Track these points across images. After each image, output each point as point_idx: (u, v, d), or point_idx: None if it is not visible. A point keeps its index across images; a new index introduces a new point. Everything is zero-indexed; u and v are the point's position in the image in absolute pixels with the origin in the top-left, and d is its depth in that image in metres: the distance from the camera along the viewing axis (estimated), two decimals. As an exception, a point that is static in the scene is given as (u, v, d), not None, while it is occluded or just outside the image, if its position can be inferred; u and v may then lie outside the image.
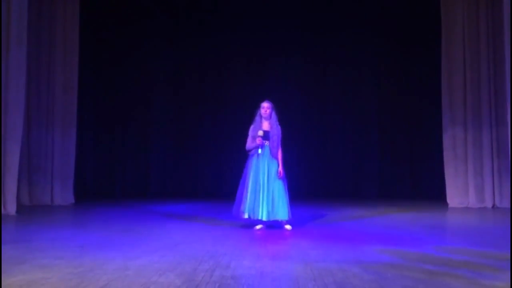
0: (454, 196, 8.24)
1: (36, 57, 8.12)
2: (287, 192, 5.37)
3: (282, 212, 5.26)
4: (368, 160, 10.17)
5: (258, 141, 5.33)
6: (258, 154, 5.35)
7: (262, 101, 5.55)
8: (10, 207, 6.61)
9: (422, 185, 9.82)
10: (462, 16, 8.30)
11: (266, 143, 5.39)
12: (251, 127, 5.50)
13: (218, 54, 10.33)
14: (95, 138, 10.26)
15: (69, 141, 8.51)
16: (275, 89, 8.22)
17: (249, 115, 5.62)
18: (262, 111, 5.48)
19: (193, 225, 5.81)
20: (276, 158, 5.40)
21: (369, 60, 10.19)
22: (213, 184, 10.28)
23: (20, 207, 7.01)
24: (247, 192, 5.29)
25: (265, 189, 5.26)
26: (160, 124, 10.48)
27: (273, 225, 5.41)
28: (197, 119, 10.39)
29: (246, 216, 5.27)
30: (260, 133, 5.37)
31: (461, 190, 8.22)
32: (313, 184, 9.79)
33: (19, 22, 6.76)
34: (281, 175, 5.35)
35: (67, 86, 8.50)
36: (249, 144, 5.45)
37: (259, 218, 5.23)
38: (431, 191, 9.33)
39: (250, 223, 5.43)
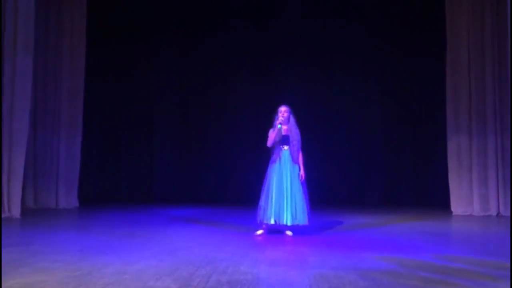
0: (458, 204, 8.17)
1: (44, 62, 8.22)
2: (307, 197, 5.40)
3: (302, 217, 5.29)
4: (372, 168, 10.13)
5: (278, 122, 5.37)
6: (279, 158, 5.37)
7: (279, 105, 5.57)
8: (15, 210, 6.68)
9: (427, 193, 9.75)
10: (467, 24, 8.26)
11: (286, 147, 5.43)
12: (270, 130, 5.53)
13: (224, 60, 10.38)
14: (101, 143, 10.34)
15: (74, 145, 8.61)
16: (280, 97, 8.19)
17: (254, 121, 5.64)
18: (280, 115, 5.51)
19: (195, 230, 5.83)
20: (297, 163, 5.46)
21: (373, 68, 10.18)
22: (217, 189, 10.31)
23: (24, 210, 7.09)
24: (271, 198, 5.30)
25: (288, 194, 5.30)
26: (165, 128, 10.55)
27: (274, 231, 5.41)
28: (202, 124, 10.45)
29: (272, 221, 5.26)
30: (281, 119, 5.41)
31: (466, 198, 8.14)
32: (317, 191, 9.71)
33: (26, 28, 6.86)
34: (303, 179, 5.41)
35: (73, 91, 8.61)
36: (269, 140, 5.44)
37: (284, 223, 5.25)
38: (435, 199, 9.26)
39: (275, 229, 5.40)
